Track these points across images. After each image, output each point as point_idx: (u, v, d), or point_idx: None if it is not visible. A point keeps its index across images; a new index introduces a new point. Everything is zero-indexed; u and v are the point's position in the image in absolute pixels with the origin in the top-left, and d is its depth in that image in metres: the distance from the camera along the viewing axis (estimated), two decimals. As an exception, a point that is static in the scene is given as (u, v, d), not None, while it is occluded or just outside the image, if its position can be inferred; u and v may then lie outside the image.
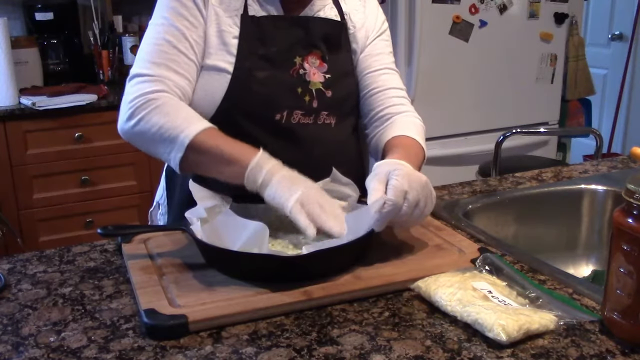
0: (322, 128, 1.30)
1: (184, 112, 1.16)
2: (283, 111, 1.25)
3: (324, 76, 1.29)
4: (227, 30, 1.24)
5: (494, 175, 2.43)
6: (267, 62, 1.25)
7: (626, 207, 0.84)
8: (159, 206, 1.43)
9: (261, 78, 1.24)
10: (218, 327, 0.90)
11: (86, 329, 0.90)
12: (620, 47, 4.31)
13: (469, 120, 3.26)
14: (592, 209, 1.50)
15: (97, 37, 3.09)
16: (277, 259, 0.97)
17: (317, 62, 1.29)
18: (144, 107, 1.15)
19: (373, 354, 0.83)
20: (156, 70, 1.18)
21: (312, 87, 1.28)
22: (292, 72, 1.26)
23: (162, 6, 1.24)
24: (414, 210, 1.04)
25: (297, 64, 1.27)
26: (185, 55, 1.21)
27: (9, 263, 1.13)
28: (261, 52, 1.24)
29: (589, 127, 3.67)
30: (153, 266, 1.05)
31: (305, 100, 1.27)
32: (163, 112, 1.14)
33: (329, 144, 1.31)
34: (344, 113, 1.34)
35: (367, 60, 1.36)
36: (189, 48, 1.21)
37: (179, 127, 1.13)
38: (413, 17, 2.98)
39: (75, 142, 2.79)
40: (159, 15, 1.23)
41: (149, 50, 1.21)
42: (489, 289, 0.94)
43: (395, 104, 1.35)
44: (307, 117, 1.28)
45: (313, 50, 1.28)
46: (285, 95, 1.26)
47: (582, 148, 4.19)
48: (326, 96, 1.29)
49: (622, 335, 0.85)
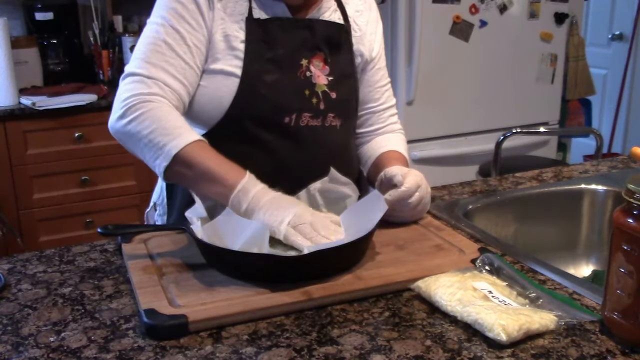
0: (329, 130, 1.30)
1: (176, 120, 1.14)
2: (292, 114, 1.25)
3: (327, 78, 1.29)
4: (233, 34, 1.22)
5: (494, 175, 2.43)
6: (275, 65, 1.24)
7: (626, 207, 0.84)
8: (155, 207, 1.42)
9: (269, 81, 1.23)
10: (218, 327, 0.90)
11: (86, 329, 0.90)
12: (620, 47, 4.31)
13: (469, 120, 3.26)
14: (592, 209, 1.50)
15: (97, 37, 3.09)
16: (277, 259, 0.97)
17: (321, 64, 1.29)
18: (137, 107, 1.13)
19: (373, 354, 0.83)
20: (152, 72, 1.16)
21: (318, 90, 1.27)
22: (299, 74, 1.26)
23: (163, 5, 1.21)
24: (417, 206, 1.20)
25: (304, 66, 1.26)
26: (182, 60, 1.18)
27: (9, 263, 1.13)
28: (268, 55, 1.23)
29: (589, 127, 3.67)
30: (153, 266, 1.05)
31: (313, 102, 1.26)
32: (156, 116, 1.12)
33: (335, 146, 1.32)
34: (347, 114, 1.34)
35: (377, 73, 1.41)
36: (187, 52, 1.19)
37: (169, 135, 1.11)
38: (413, 17, 2.98)
39: (75, 142, 2.79)
40: (159, 14, 1.20)
41: (146, 50, 1.18)
42: (489, 289, 0.94)
43: (394, 122, 1.45)
44: (315, 119, 1.27)
45: (317, 52, 1.28)
46: (293, 98, 1.25)
47: (582, 148, 4.19)
48: (331, 98, 1.29)
49: (622, 335, 0.85)
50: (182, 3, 1.19)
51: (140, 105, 1.14)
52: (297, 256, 0.98)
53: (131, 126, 1.13)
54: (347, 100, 1.34)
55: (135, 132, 1.13)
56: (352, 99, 1.36)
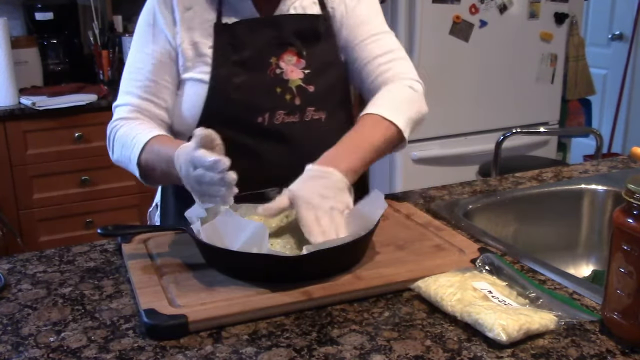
0: (310, 124, 1.29)
1: (133, 132, 1.22)
2: (264, 113, 1.25)
3: (302, 72, 1.28)
4: (201, 41, 1.26)
5: (494, 175, 2.43)
6: (242, 66, 1.25)
7: (626, 207, 0.84)
8: (157, 207, 1.44)
9: (238, 83, 1.24)
10: (218, 327, 0.90)
11: (86, 329, 0.90)
12: (620, 47, 4.31)
13: (469, 120, 3.26)
14: (592, 209, 1.49)
15: (97, 37, 3.09)
16: (277, 259, 0.97)
17: (294, 59, 1.28)
18: (110, 138, 1.26)
19: (373, 354, 0.83)
20: (124, 99, 1.28)
21: (292, 85, 1.27)
22: (269, 72, 1.26)
23: (136, 30, 1.31)
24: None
25: (273, 64, 1.27)
26: (149, 80, 1.26)
27: (9, 263, 1.13)
28: (235, 57, 1.25)
29: (589, 127, 3.67)
30: (153, 266, 1.05)
31: (286, 99, 1.27)
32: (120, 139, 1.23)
33: (320, 140, 1.27)
34: (333, 105, 1.32)
35: (351, 33, 1.33)
36: (153, 70, 1.26)
37: (129, 148, 1.20)
38: (413, 17, 2.98)
39: (75, 142, 2.79)
40: (133, 40, 1.31)
41: (123, 80, 1.31)
42: (489, 289, 0.94)
43: (382, 72, 1.30)
44: (291, 115, 1.27)
45: (288, 48, 1.28)
46: (264, 97, 1.25)
47: (582, 148, 4.19)
48: (308, 92, 1.28)
49: (622, 335, 0.85)
50: (145, 26, 1.29)
51: (111, 135, 1.27)
52: (297, 256, 0.98)
53: (113, 156, 1.27)
54: (330, 91, 1.32)
55: (117, 159, 1.27)
56: (337, 87, 1.33)
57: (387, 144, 1.21)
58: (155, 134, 1.20)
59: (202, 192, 1.04)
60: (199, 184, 1.03)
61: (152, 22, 1.28)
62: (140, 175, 1.22)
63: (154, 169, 1.19)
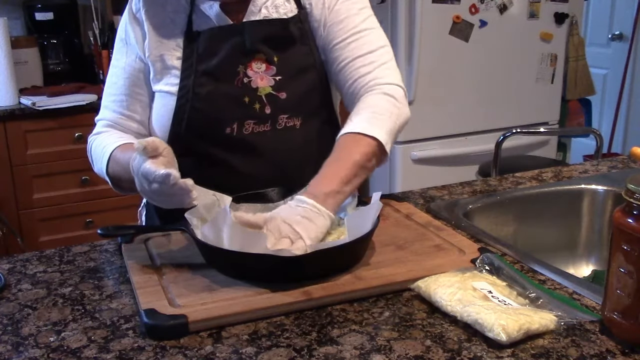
0: (283, 133, 1.25)
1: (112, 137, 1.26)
2: (232, 124, 1.23)
3: (273, 79, 1.25)
4: (169, 53, 1.25)
5: (494, 175, 2.43)
6: (209, 77, 1.23)
7: (626, 207, 0.84)
8: (144, 206, 1.44)
9: (204, 94, 1.23)
10: (218, 327, 0.90)
11: (86, 329, 0.90)
12: (620, 47, 4.31)
13: (469, 120, 3.26)
14: (592, 209, 1.49)
15: (97, 37, 3.09)
16: (277, 259, 0.96)
17: (263, 66, 1.24)
18: (89, 149, 1.32)
19: (373, 354, 0.83)
20: (102, 114, 1.32)
21: (262, 93, 1.24)
22: (236, 82, 1.23)
23: (115, 44, 1.34)
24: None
25: (241, 72, 1.23)
26: (122, 94, 1.30)
27: (9, 263, 1.13)
28: (202, 68, 1.23)
29: (589, 127, 3.68)
30: (153, 266, 1.05)
31: (255, 108, 1.23)
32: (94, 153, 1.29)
33: (296, 147, 1.27)
34: (309, 111, 1.28)
35: (330, 31, 1.26)
36: (125, 84, 1.30)
37: (99, 161, 1.25)
38: (413, 17, 2.98)
39: (75, 142, 2.79)
40: (113, 54, 1.35)
41: (104, 93, 1.34)
42: (489, 289, 0.94)
43: (360, 76, 1.24)
44: (261, 125, 1.24)
45: (255, 55, 1.24)
46: (231, 107, 1.23)
47: (582, 148, 4.19)
48: (280, 99, 1.24)
49: (622, 335, 0.85)
50: (119, 40, 1.32)
51: (89, 150, 1.32)
52: (297, 256, 0.98)
53: (94, 169, 1.31)
54: (306, 96, 1.27)
55: (97, 172, 1.30)
56: (315, 91, 1.28)
57: (370, 159, 1.14)
58: (119, 143, 1.22)
59: (161, 203, 1.07)
60: (158, 195, 1.04)
61: (124, 37, 1.31)
62: (113, 186, 1.26)
63: (120, 179, 1.22)
